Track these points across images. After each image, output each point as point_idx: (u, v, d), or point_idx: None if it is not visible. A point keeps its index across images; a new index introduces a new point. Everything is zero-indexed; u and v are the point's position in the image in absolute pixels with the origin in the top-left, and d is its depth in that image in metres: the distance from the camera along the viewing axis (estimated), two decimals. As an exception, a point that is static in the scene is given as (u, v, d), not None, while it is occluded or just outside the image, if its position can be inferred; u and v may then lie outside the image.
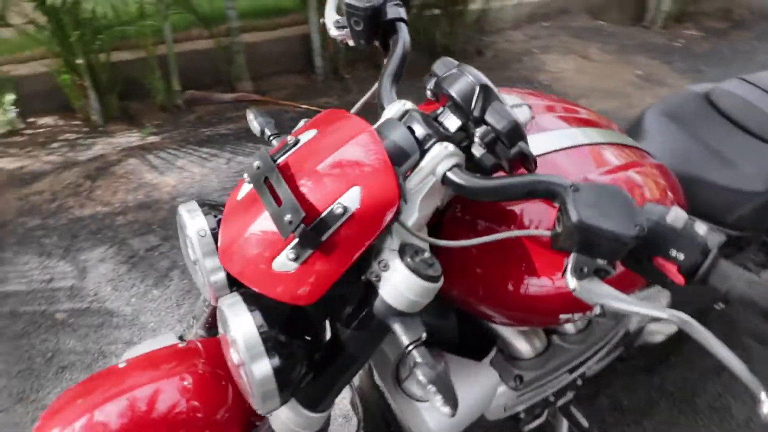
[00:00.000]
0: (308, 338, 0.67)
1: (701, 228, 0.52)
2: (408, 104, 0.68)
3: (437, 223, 0.77)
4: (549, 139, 0.88)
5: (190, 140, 2.55)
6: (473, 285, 0.76)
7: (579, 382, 1.11)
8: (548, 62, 3.72)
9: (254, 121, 0.82)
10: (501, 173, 0.67)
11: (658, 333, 1.52)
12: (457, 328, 0.90)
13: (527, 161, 0.63)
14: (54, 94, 2.56)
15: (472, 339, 0.91)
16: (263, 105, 2.87)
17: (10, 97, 2.44)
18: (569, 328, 0.95)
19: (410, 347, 0.59)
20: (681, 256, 0.51)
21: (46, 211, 2.09)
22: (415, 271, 0.58)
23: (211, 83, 2.98)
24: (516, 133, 0.62)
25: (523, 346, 0.92)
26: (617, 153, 0.94)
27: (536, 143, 0.85)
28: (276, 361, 0.58)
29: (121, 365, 0.82)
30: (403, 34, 0.77)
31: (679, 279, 0.52)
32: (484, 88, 0.63)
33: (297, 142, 0.64)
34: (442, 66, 0.69)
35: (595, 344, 1.02)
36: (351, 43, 0.85)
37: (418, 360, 0.58)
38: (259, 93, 2.98)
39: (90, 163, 2.34)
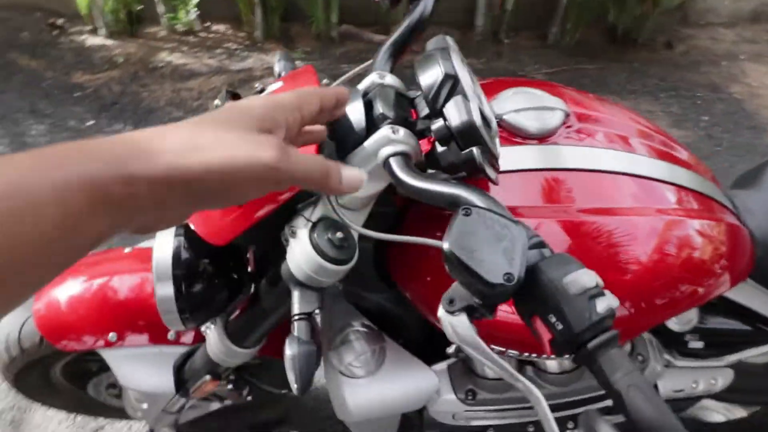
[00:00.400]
0: (234, 277, 0.70)
1: (603, 304, 0.42)
2: (388, 78, 0.63)
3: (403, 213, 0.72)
4: (592, 156, 0.76)
5: (327, 72, 2.66)
6: (420, 291, 0.71)
7: (571, 425, 1.00)
8: (752, 73, 3.11)
9: (277, 63, 0.83)
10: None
11: (715, 411, 1.29)
12: (423, 325, 0.86)
13: (476, 170, 0.55)
14: (231, 5, 2.83)
15: (441, 339, 0.87)
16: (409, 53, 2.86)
17: (194, 0, 2.76)
18: (551, 365, 0.85)
19: (295, 317, 0.58)
20: (559, 326, 0.42)
21: (189, 107, 2.38)
22: (315, 246, 0.57)
23: (368, 22, 3.03)
24: (470, 134, 0.54)
25: (488, 365, 0.85)
26: (682, 197, 0.78)
27: (569, 155, 0.75)
28: (179, 287, 0.62)
29: (126, 250, 0.94)
30: (427, 2, 0.70)
31: (547, 349, 0.43)
32: (449, 78, 0.56)
33: (262, 90, 0.65)
34: (432, 44, 0.62)
35: (585, 394, 0.90)
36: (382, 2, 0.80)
37: (294, 333, 0.57)
38: (409, 41, 2.96)
39: (237, 73, 2.58)
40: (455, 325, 0.47)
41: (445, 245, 0.44)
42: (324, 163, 0.37)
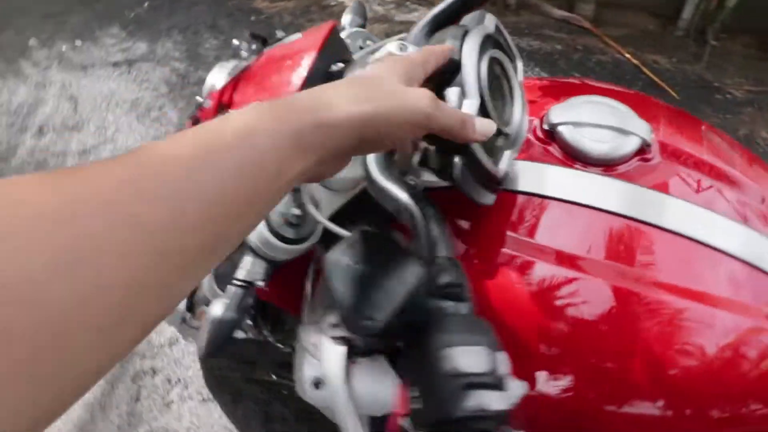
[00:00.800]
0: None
1: (476, 401, 0.31)
2: (410, 51, 0.54)
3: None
4: (689, 215, 0.55)
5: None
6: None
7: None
8: None
9: (345, 15, 0.77)
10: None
11: None
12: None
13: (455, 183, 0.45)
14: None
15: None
16: (587, 35, 2.56)
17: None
18: None
19: (234, 282, 0.55)
20: (414, 405, 0.33)
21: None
22: (266, 217, 0.52)
23: (553, -7, 2.76)
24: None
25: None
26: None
27: (656, 205, 0.57)
28: None
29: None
30: None
31: (394, 421, 0.34)
32: (451, 64, 0.46)
33: (282, 38, 0.60)
34: (465, 21, 0.51)
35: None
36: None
37: (224, 297, 0.54)
38: (593, 22, 2.64)
39: (399, 24, 2.55)
40: (329, 353, 0.40)
41: (328, 254, 0.37)
42: (461, 113, 0.41)
